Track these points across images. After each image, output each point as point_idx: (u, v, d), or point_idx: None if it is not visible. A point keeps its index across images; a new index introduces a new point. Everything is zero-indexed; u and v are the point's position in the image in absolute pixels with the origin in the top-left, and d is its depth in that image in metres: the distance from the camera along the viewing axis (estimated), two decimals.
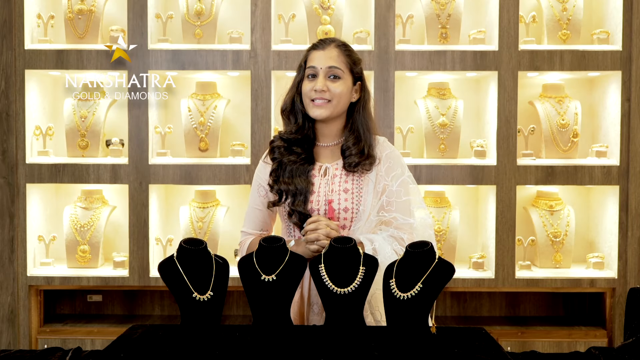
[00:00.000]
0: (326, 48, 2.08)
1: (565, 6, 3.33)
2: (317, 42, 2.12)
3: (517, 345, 3.25)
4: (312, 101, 2.05)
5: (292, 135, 2.09)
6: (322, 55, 2.07)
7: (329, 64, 2.05)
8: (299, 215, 2.04)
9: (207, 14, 3.31)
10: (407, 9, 3.42)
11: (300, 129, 2.09)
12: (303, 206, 2.04)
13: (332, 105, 2.05)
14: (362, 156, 2.06)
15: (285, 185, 2.06)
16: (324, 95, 2.04)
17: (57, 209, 3.51)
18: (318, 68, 2.05)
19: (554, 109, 3.35)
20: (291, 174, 2.07)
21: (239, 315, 3.57)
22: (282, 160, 2.08)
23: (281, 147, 2.10)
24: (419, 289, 1.67)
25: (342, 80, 2.06)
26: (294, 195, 2.05)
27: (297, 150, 2.09)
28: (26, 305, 3.27)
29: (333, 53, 2.07)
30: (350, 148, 2.07)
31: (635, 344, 1.79)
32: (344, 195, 2.07)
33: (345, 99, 2.08)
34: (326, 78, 2.05)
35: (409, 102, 3.48)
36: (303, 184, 2.05)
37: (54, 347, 1.79)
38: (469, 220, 3.56)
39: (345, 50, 2.09)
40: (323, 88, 2.03)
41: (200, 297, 1.72)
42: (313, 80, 2.06)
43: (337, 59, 2.06)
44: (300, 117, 2.10)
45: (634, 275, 3.24)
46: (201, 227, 3.30)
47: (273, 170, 2.10)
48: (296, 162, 2.07)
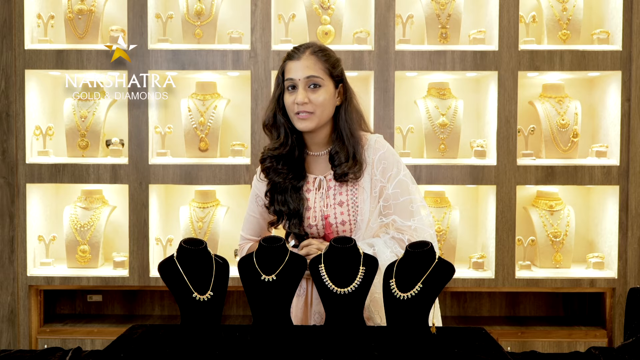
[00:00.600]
0: (301, 57, 2.00)
1: (565, 6, 3.33)
2: (291, 51, 2.04)
3: (517, 345, 3.25)
4: (296, 114, 2.00)
5: (276, 152, 2.04)
6: (298, 65, 1.99)
7: (306, 74, 1.98)
8: (295, 236, 2.04)
9: (207, 14, 3.31)
10: (407, 9, 3.42)
11: (282, 144, 2.04)
12: (299, 228, 2.03)
13: (317, 116, 2.00)
14: (348, 163, 2.01)
15: (279, 206, 2.04)
16: (307, 107, 1.98)
17: (57, 209, 3.51)
18: (296, 80, 1.99)
19: (554, 109, 3.35)
20: (283, 193, 2.04)
21: (239, 315, 3.57)
22: (274, 179, 2.05)
23: (271, 168, 2.05)
24: (419, 289, 1.67)
25: (323, 88, 2.00)
26: (288, 217, 2.04)
27: (282, 170, 2.04)
28: (26, 305, 3.27)
29: (309, 61, 2.00)
30: (339, 154, 2.02)
31: (635, 344, 1.79)
32: (340, 208, 2.04)
33: (329, 106, 2.02)
34: (306, 89, 1.99)
35: (409, 102, 3.48)
36: (296, 203, 2.03)
37: (54, 347, 1.79)
38: (469, 220, 3.56)
39: (322, 56, 2.02)
40: (304, 100, 1.97)
41: (200, 297, 1.72)
42: (293, 92, 2.00)
43: (314, 67, 1.99)
44: (282, 132, 2.04)
45: (634, 275, 3.24)
46: (201, 227, 3.30)
47: (267, 191, 2.07)
48: (285, 182, 2.04)
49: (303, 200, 2.04)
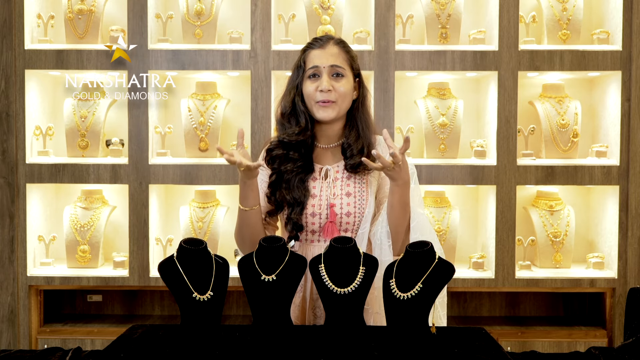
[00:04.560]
0: (326, 46, 2.03)
1: (565, 6, 3.33)
2: (313, 41, 2.06)
3: (517, 345, 3.25)
4: (317, 103, 2.00)
5: (294, 137, 2.03)
6: (322, 53, 2.02)
7: (331, 62, 2.00)
8: (293, 224, 2.02)
9: (207, 14, 3.31)
10: (407, 9, 3.42)
11: (303, 130, 2.04)
12: (298, 216, 2.02)
13: (338, 106, 2.01)
14: (363, 155, 2.00)
15: (281, 196, 2.02)
16: (330, 96, 1.99)
17: (57, 209, 3.51)
18: (321, 67, 2.00)
19: (554, 109, 3.35)
20: (289, 184, 2.02)
21: (239, 315, 3.57)
22: (280, 170, 2.03)
23: (280, 156, 2.04)
24: (419, 289, 1.67)
25: (345, 79, 2.02)
26: (291, 206, 2.02)
27: (294, 156, 2.03)
28: (26, 305, 3.27)
29: (334, 50, 2.02)
30: (352, 146, 2.03)
31: (635, 344, 1.79)
32: (347, 199, 2.03)
33: (348, 97, 2.04)
34: (330, 77, 2.00)
35: (409, 102, 3.48)
36: (300, 193, 2.01)
37: (54, 347, 1.79)
38: (469, 220, 3.56)
39: (344, 47, 2.05)
40: (329, 87, 1.99)
41: (200, 297, 1.72)
42: (316, 80, 2.01)
43: (338, 56, 2.02)
44: (302, 119, 2.04)
45: (634, 275, 3.24)
46: (201, 227, 3.30)
47: (271, 183, 2.05)
48: (293, 172, 2.02)
49: (307, 191, 2.03)
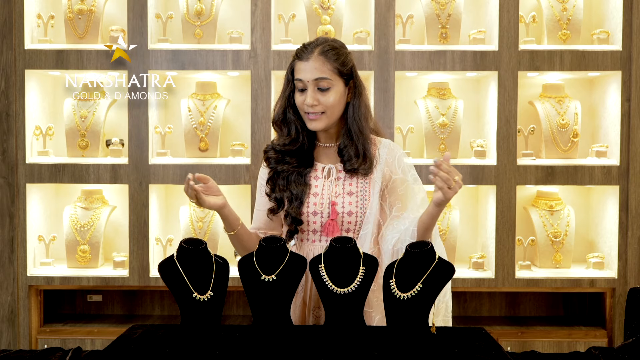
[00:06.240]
0: (310, 58, 1.97)
1: (565, 6, 3.33)
2: (300, 50, 2.01)
3: (517, 345, 3.25)
4: (306, 114, 2.00)
5: (285, 147, 2.04)
6: (306, 66, 1.97)
7: (315, 76, 1.96)
8: (291, 218, 2.02)
9: (207, 14, 3.31)
10: (407, 9, 3.42)
11: (293, 140, 2.04)
12: (297, 210, 2.01)
13: (327, 116, 1.99)
14: (358, 160, 2.01)
15: (280, 192, 2.03)
16: (316, 109, 1.98)
17: (57, 209, 3.51)
18: (305, 82, 1.97)
19: (554, 109, 3.35)
20: (286, 180, 2.03)
21: (239, 315, 3.57)
22: (277, 169, 2.05)
23: (275, 158, 2.05)
24: (419, 289, 1.67)
25: (333, 89, 1.98)
26: (289, 201, 2.02)
27: (290, 160, 2.04)
28: (26, 305, 3.27)
29: (318, 62, 1.97)
30: (348, 148, 2.03)
31: (635, 344, 1.80)
32: (348, 198, 2.03)
33: (339, 105, 2.01)
34: (315, 90, 1.97)
35: (409, 102, 3.48)
36: (299, 188, 2.01)
37: (54, 347, 1.79)
38: (469, 220, 3.56)
39: (332, 55, 1.98)
40: (313, 102, 1.96)
41: (200, 297, 1.72)
42: (303, 93, 1.99)
43: (322, 68, 1.96)
44: (293, 129, 2.04)
45: (634, 275, 3.24)
46: (201, 227, 3.30)
47: (270, 179, 2.06)
48: (289, 170, 2.03)
49: (306, 186, 2.03)
